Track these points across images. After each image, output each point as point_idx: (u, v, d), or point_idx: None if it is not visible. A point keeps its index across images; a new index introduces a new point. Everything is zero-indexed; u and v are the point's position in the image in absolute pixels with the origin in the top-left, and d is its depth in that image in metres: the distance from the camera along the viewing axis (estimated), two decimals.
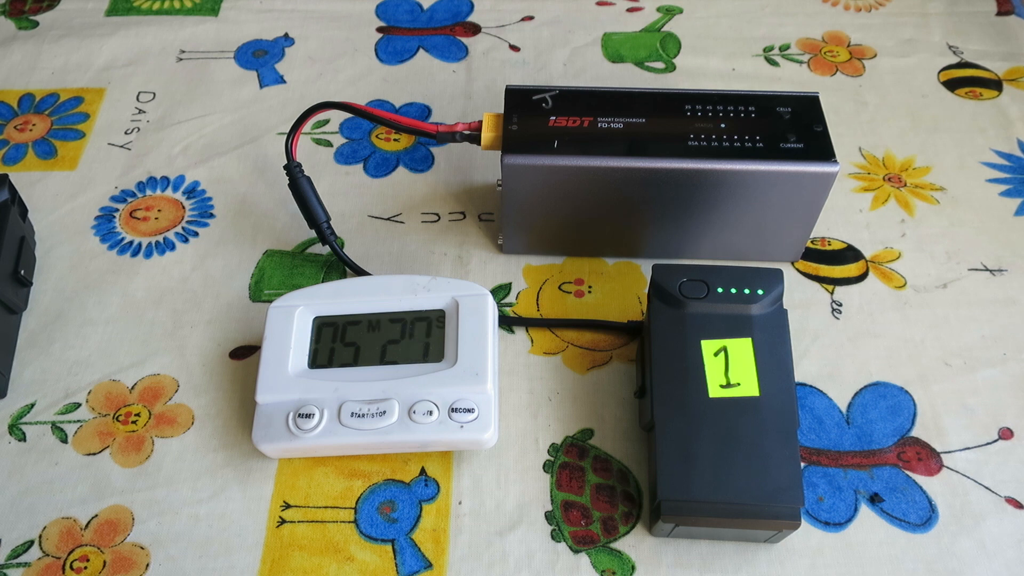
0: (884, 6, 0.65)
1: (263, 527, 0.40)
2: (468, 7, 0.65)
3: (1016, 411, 0.43)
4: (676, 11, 0.65)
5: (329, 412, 0.39)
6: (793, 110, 0.45)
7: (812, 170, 0.43)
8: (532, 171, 0.44)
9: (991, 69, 0.60)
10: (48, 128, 0.57)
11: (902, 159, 0.55)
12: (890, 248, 0.50)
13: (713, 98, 0.46)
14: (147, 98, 0.59)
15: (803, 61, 0.61)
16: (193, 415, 0.43)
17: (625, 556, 0.39)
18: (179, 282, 0.49)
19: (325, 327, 0.42)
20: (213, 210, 0.52)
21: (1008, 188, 0.53)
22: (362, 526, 0.40)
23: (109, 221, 0.52)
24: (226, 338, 0.46)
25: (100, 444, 0.42)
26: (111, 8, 0.65)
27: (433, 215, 0.52)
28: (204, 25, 0.64)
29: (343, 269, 0.49)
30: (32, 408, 0.44)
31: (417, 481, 0.41)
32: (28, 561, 0.39)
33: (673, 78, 0.60)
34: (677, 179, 0.44)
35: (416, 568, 0.39)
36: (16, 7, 0.65)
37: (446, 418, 0.39)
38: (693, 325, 0.40)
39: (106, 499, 0.41)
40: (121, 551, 0.39)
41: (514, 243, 0.49)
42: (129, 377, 0.45)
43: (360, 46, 0.62)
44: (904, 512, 0.40)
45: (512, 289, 0.48)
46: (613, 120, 0.45)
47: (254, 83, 0.60)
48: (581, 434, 0.43)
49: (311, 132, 0.56)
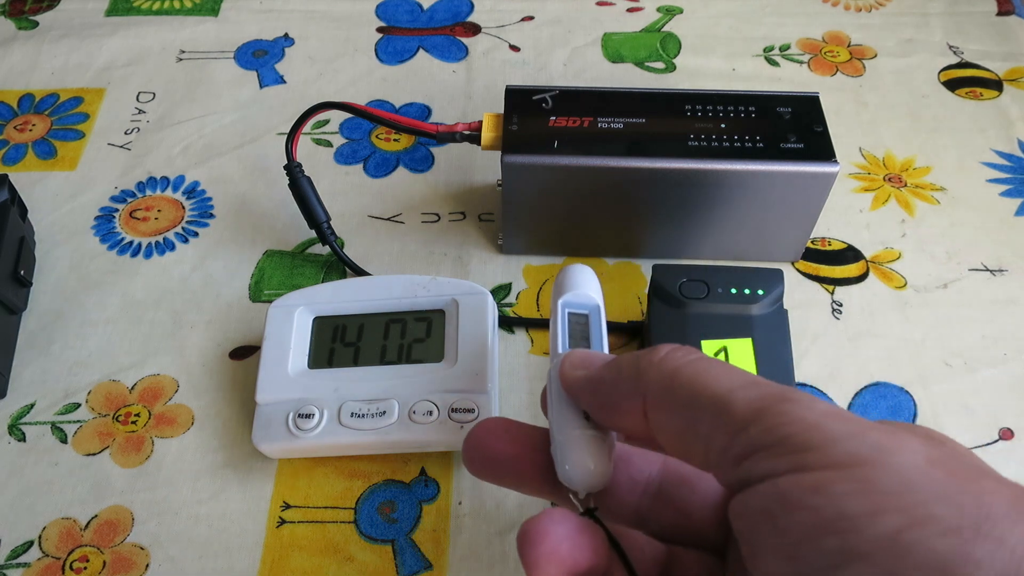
0: (884, 6, 0.65)
1: (263, 527, 0.40)
2: (468, 7, 0.65)
3: (1016, 411, 0.43)
4: (676, 11, 0.65)
5: (329, 412, 0.39)
6: (793, 110, 0.45)
7: (812, 170, 0.43)
8: (532, 171, 0.44)
9: (991, 69, 0.60)
10: (48, 128, 0.57)
11: (902, 159, 0.55)
12: (890, 248, 0.50)
13: (713, 98, 0.46)
14: (147, 98, 0.59)
15: (803, 61, 0.61)
16: (193, 415, 0.43)
17: None
18: (179, 282, 0.49)
19: (325, 327, 0.42)
20: (213, 210, 0.52)
21: (1008, 188, 0.53)
22: (362, 526, 0.40)
23: (109, 221, 0.52)
24: (226, 338, 0.46)
25: (100, 444, 0.42)
26: (111, 8, 0.65)
27: (433, 215, 0.52)
28: (204, 25, 0.64)
29: (343, 269, 0.49)
30: (32, 408, 0.44)
31: (417, 481, 0.41)
32: (28, 561, 0.39)
33: (673, 78, 0.60)
34: (677, 179, 0.44)
35: (416, 568, 0.39)
36: (16, 7, 0.65)
37: (446, 418, 0.39)
38: (693, 325, 0.40)
39: (106, 499, 0.41)
40: (121, 551, 0.39)
41: (514, 243, 0.49)
42: (129, 377, 0.45)
43: (360, 46, 0.62)
44: None
45: (512, 289, 0.48)
46: (613, 120, 0.45)
47: (254, 83, 0.60)
48: None
49: (311, 132, 0.56)
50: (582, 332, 0.30)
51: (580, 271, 0.32)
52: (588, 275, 0.32)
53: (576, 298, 0.31)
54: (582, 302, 0.31)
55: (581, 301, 0.31)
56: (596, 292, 0.31)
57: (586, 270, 0.32)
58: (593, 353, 0.27)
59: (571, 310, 0.30)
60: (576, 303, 0.31)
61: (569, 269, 0.32)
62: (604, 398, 0.25)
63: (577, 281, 0.31)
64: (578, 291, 0.31)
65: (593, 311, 0.31)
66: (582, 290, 0.31)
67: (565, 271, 0.32)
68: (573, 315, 0.30)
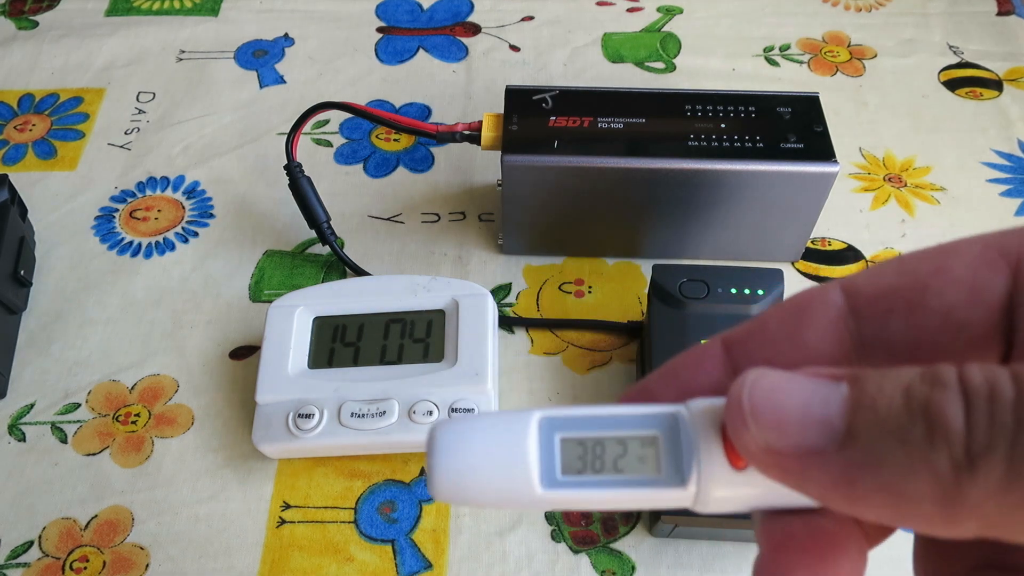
0: (884, 6, 0.65)
1: (263, 527, 0.40)
2: (468, 7, 0.65)
3: None
4: (676, 11, 0.65)
5: (329, 412, 0.39)
6: (793, 110, 0.45)
7: (812, 170, 0.43)
8: (532, 171, 0.44)
9: (991, 69, 0.60)
10: (48, 128, 0.57)
11: (902, 159, 0.55)
12: (890, 248, 0.50)
13: (713, 98, 0.46)
14: (147, 98, 0.59)
15: (803, 61, 0.61)
16: (193, 415, 0.43)
17: (625, 556, 0.39)
18: (179, 282, 0.49)
19: (325, 327, 0.42)
20: (213, 210, 0.52)
21: (1008, 188, 0.53)
22: (362, 526, 0.40)
23: (109, 221, 0.52)
24: (226, 338, 0.46)
25: (100, 444, 0.42)
26: (111, 8, 0.65)
27: (433, 215, 0.52)
28: (204, 25, 0.64)
29: (343, 269, 0.49)
30: (32, 408, 0.44)
31: (417, 481, 0.41)
32: (28, 561, 0.39)
33: (673, 78, 0.60)
34: (677, 179, 0.44)
35: (416, 568, 0.39)
36: (16, 7, 0.65)
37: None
38: (693, 325, 0.40)
39: (106, 499, 0.41)
40: (121, 551, 0.39)
41: (514, 243, 0.49)
42: (129, 377, 0.45)
43: (360, 46, 0.62)
44: None
45: (512, 289, 0.48)
46: (613, 120, 0.45)
47: (254, 83, 0.60)
48: None
49: (311, 132, 0.56)
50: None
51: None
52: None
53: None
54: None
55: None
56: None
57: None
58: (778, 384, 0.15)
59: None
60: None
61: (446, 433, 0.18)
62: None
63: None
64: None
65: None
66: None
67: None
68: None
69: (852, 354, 0.18)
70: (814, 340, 0.18)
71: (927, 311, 0.17)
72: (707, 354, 0.19)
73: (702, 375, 0.19)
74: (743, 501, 0.17)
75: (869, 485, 0.14)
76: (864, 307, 0.17)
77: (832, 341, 0.18)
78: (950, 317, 0.17)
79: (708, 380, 0.18)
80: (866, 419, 0.14)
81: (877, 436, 0.14)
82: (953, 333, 0.17)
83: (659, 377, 0.19)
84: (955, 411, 0.13)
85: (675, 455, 0.17)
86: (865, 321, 0.17)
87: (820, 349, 0.18)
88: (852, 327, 0.17)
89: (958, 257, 0.17)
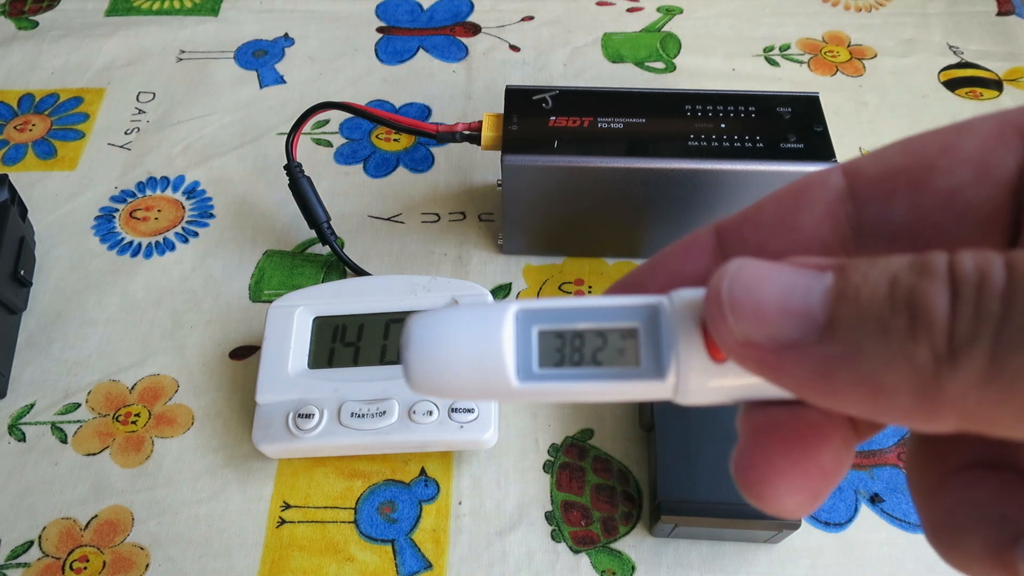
0: (884, 6, 0.65)
1: (263, 527, 0.40)
2: (468, 7, 0.65)
3: None
4: (676, 11, 0.65)
5: (329, 412, 0.39)
6: (793, 110, 0.45)
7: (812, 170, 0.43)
8: (532, 171, 0.44)
9: (991, 69, 0.60)
10: (48, 128, 0.57)
11: None
12: None
13: (713, 98, 0.46)
14: (147, 98, 0.59)
15: (803, 61, 0.61)
16: (193, 415, 0.43)
17: (625, 556, 0.39)
18: (179, 282, 0.49)
19: (325, 327, 0.42)
20: (213, 210, 0.52)
21: None
22: (362, 526, 0.40)
23: (109, 221, 0.52)
24: (226, 338, 0.46)
25: (100, 444, 0.42)
26: (111, 8, 0.65)
27: (433, 215, 0.52)
28: (204, 25, 0.64)
29: (343, 269, 0.49)
30: (32, 408, 0.44)
31: (417, 481, 0.41)
32: (28, 561, 0.39)
33: (673, 78, 0.60)
34: (677, 179, 0.44)
35: (416, 568, 0.39)
36: (16, 7, 0.65)
37: (446, 418, 0.39)
38: None
39: (106, 499, 0.41)
40: (121, 551, 0.39)
41: (514, 243, 0.49)
42: (129, 377, 0.45)
43: (360, 46, 0.62)
44: (904, 512, 0.40)
45: (512, 289, 0.48)
46: (613, 120, 0.45)
47: (254, 83, 0.60)
48: (581, 434, 0.43)
49: (311, 132, 0.56)
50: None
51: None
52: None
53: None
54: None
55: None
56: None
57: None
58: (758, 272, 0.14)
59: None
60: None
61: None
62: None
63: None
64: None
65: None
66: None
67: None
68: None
69: (850, 241, 0.17)
70: (810, 225, 0.17)
71: (932, 192, 0.16)
72: (698, 243, 0.18)
73: (691, 264, 0.18)
74: (724, 392, 0.16)
75: (845, 378, 0.13)
76: (865, 189, 0.16)
77: (829, 226, 0.17)
78: (956, 198, 0.15)
79: (697, 270, 0.17)
80: (848, 310, 0.13)
81: (857, 327, 0.13)
82: (958, 216, 0.15)
83: (648, 267, 0.18)
84: (940, 301, 0.12)
85: (655, 347, 0.16)
86: (866, 204, 0.16)
87: (816, 235, 0.17)
88: (851, 211, 0.16)
89: (970, 134, 0.16)
